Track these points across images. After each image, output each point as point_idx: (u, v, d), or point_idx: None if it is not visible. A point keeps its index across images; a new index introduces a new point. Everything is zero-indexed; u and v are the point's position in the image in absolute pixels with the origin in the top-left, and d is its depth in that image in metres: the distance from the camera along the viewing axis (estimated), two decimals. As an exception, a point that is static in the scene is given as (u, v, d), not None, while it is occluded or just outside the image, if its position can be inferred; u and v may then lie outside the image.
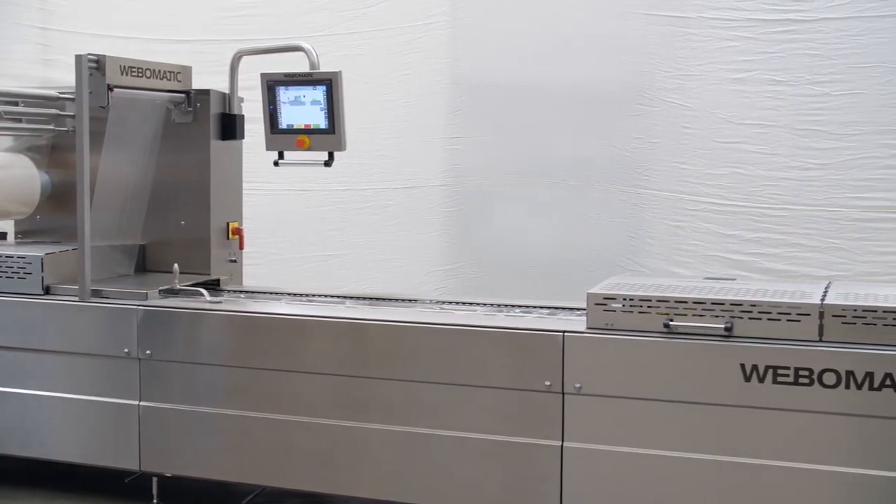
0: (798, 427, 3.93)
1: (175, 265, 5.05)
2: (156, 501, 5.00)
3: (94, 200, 4.94)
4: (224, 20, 7.12)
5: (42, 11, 7.62)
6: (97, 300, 4.93)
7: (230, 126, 5.33)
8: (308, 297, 5.06)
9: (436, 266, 6.83)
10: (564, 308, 4.68)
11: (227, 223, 5.39)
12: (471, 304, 4.85)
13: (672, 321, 4.09)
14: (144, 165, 5.27)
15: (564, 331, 4.23)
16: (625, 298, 4.17)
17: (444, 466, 4.41)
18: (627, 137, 6.41)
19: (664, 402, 4.09)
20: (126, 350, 4.86)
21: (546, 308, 4.70)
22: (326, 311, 4.71)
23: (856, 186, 5.99)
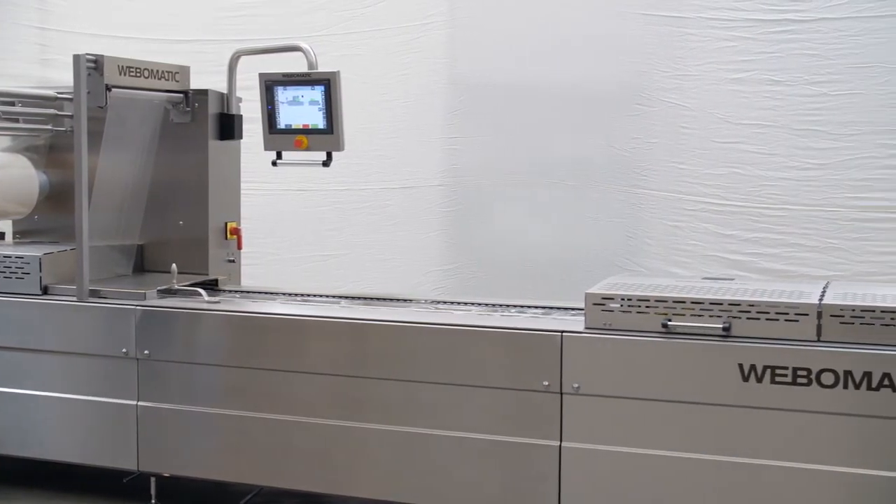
0: (796, 427, 3.93)
1: (173, 265, 5.05)
2: (154, 501, 5.00)
3: (93, 200, 4.94)
4: (222, 20, 7.12)
5: (41, 11, 7.61)
6: (95, 300, 4.93)
7: (228, 126, 5.32)
8: (306, 298, 5.06)
9: (434, 266, 6.82)
10: (559, 308, 4.67)
11: (226, 223, 5.38)
12: (466, 304, 4.84)
13: (670, 321, 4.09)
14: (142, 165, 5.27)
15: (563, 331, 4.23)
16: (623, 298, 4.17)
17: (443, 466, 4.40)
18: (626, 137, 6.41)
19: (662, 402, 4.09)
20: (124, 350, 4.85)
21: (540, 308, 4.70)
22: (325, 312, 4.70)
23: (854, 186, 5.99)
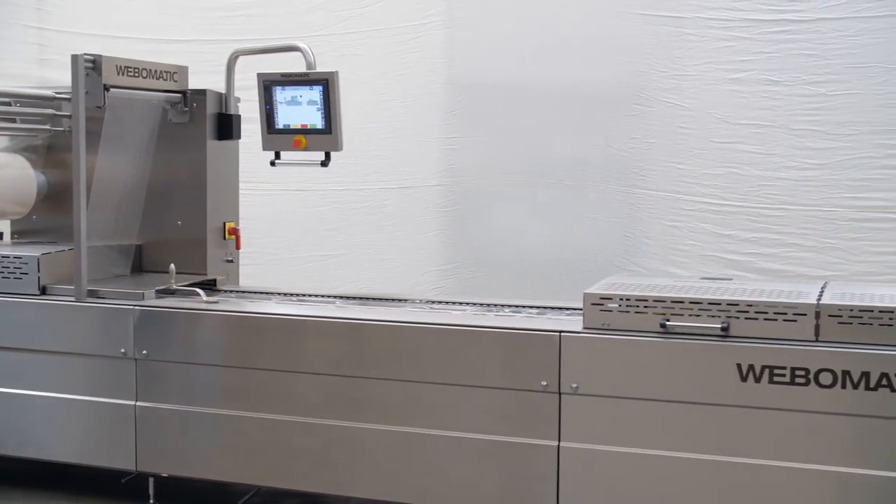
0: (794, 427, 3.94)
1: (171, 265, 5.05)
2: (152, 502, 4.99)
3: (91, 200, 4.94)
4: (221, 20, 7.12)
5: (39, 11, 7.61)
6: (93, 300, 4.92)
7: (227, 126, 5.32)
8: (304, 298, 5.05)
9: (432, 266, 6.82)
10: (557, 308, 4.67)
11: (224, 223, 5.38)
12: (461, 304, 4.84)
13: (669, 321, 4.09)
14: (141, 165, 5.27)
15: (561, 331, 4.23)
16: (621, 298, 4.17)
17: (441, 466, 4.40)
18: (624, 137, 6.41)
19: (661, 402, 4.09)
20: (122, 350, 4.85)
21: (538, 308, 4.70)
22: (323, 312, 4.70)
23: (852, 186, 6.00)
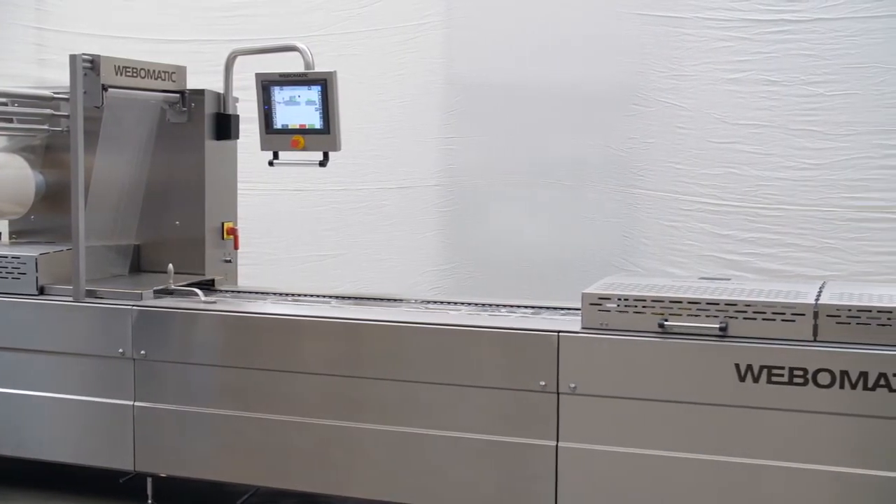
0: (792, 427, 3.94)
1: (170, 265, 5.05)
2: (150, 502, 4.99)
3: (89, 200, 4.94)
4: (219, 20, 7.12)
5: (38, 11, 7.61)
6: (92, 300, 4.92)
7: (225, 126, 5.32)
8: (302, 298, 5.05)
9: (431, 266, 6.82)
10: (552, 308, 4.67)
11: (222, 223, 5.38)
12: (456, 304, 4.84)
13: (667, 321, 4.09)
14: (139, 165, 5.27)
15: (559, 331, 4.22)
16: (620, 298, 4.17)
17: (439, 466, 4.40)
18: (622, 137, 6.41)
19: (659, 402, 4.09)
20: (121, 350, 4.85)
21: (536, 308, 4.70)
22: (321, 312, 4.70)
23: (850, 186, 6.00)
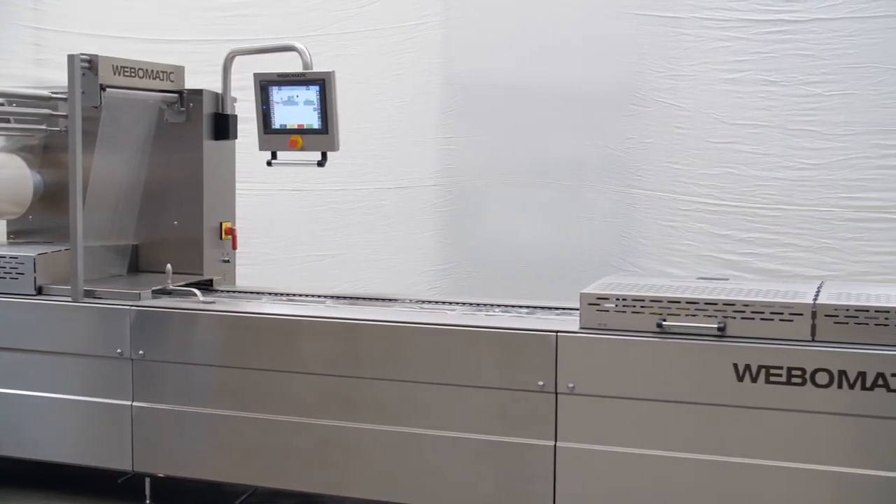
0: (790, 427, 3.94)
1: (168, 265, 5.05)
2: (149, 502, 4.99)
3: (87, 200, 4.93)
4: (217, 20, 7.11)
5: (36, 11, 7.60)
6: (90, 300, 4.92)
7: (223, 126, 5.32)
8: (300, 298, 5.05)
9: (429, 266, 6.82)
10: (550, 308, 4.67)
11: (220, 223, 5.38)
12: (451, 304, 4.84)
13: (665, 321, 4.09)
14: (137, 165, 5.27)
15: (558, 331, 4.23)
16: (618, 298, 4.18)
17: (437, 466, 4.40)
18: (620, 137, 6.41)
19: (657, 402, 4.10)
20: (119, 350, 4.85)
21: (532, 307, 4.69)
22: (318, 312, 4.70)
23: (848, 186, 6.00)
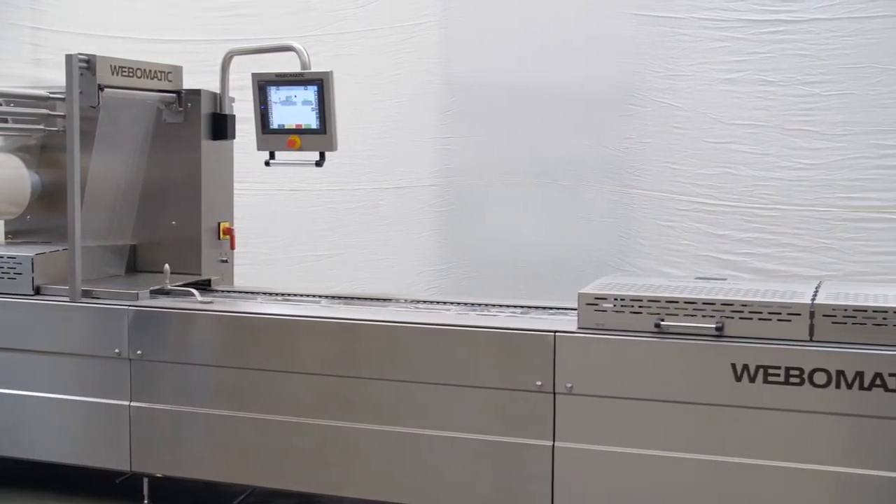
0: (788, 427, 3.94)
1: (166, 265, 5.05)
2: (147, 502, 4.99)
3: (85, 200, 4.93)
4: (215, 20, 7.11)
5: (34, 11, 7.60)
6: (88, 300, 4.91)
7: (221, 126, 5.31)
8: (298, 298, 5.05)
9: (427, 266, 6.82)
10: (548, 308, 4.67)
11: (218, 223, 5.37)
12: (446, 304, 4.84)
13: (663, 321, 4.09)
14: (135, 165, 5.26)
15: (556, 331, 4.23)
16: (616, 298, 4.18)
17: (435, 466, 4.40)
18: (618, 137, 6.41)
19: (655, 402, 4.10)
20: (117, 350, 4.85)
21: (530, 307, 4.69)
22: (316, 312, 4.70)
23: (846, 186, 6.00)
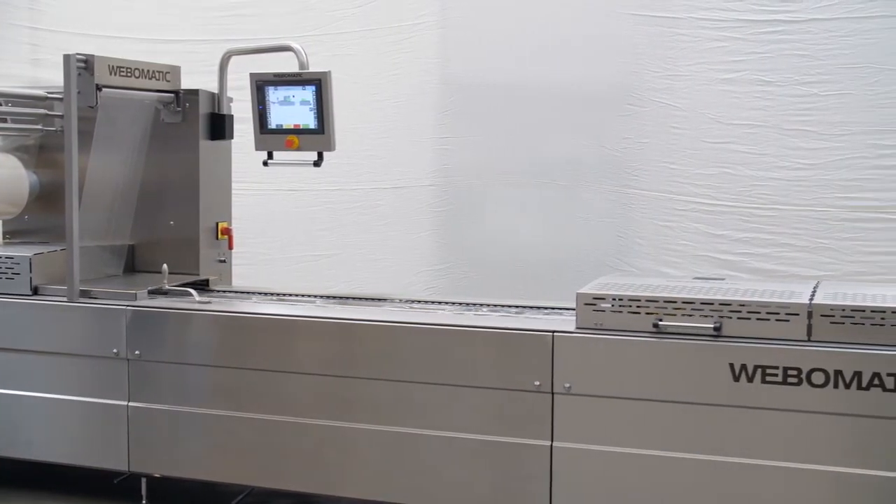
0: (786, 427, 3.94)
1: (164, 265, 5.05)
2: (145, 502, 4.99)
3: (83, 200, 4.93)
4: (213, 20, 7.10)
5: (32, 11, 7.59)
6: (86, 300, 4.91)
7: (219, 126, 5.32)
8: (296, 298, 5.05)
9: (425, 266, 6.82)
10: (547, 307, 4.68)
11: (217, 223, 5.37)
12: (441, 304, 4.84)
13: (661, 321, 4.09)
14: (133, 165, 5.26)
15: (554, 331, 4.23)
16: (614, 298, 4.18)
17: (434, 466, 4.40)
18: (617, 137, 6.41)
19: (653, 402, 4.10)
20: (115, 350, 4.84)
21: (528, 307, 4.69)
22: (314, 312, 4.70)
23: (844, 186, 6.00)
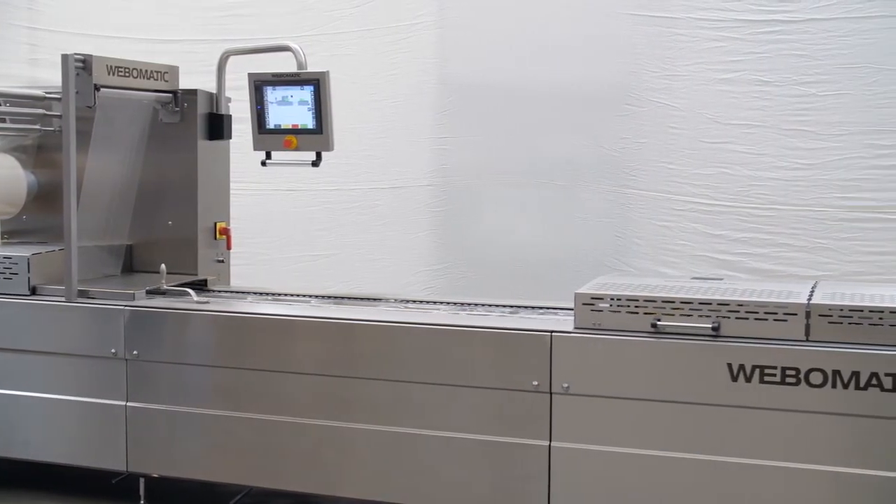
0: (784, 426, 3.94)
1: (162, 265, 5.04)
2: (143, 502, 4.99)
3: (81, 200, 4.93)
4: (212, 20, 7.10)
5: (30, 11, 7.59)
6: (84, 300, 4.91)
7: (217, 126, 5.31)
8: (294, 298, 5.05)
9: (424, 266, 6.82)
10: (545, 308, 4.68)
11: (215, 223, 5.38)
12: (436, 304, 4.84)
13: (659, 321, 4.09)
14: (131, 165, 5.26)
15: (552, 331, 4.23)
16: (612, 298, 4.18)
17: (432, 466, 4.40)
18: (615, 137, 6.41)
19: (652, 402, 4.10)
20: (113, 350, 4.84)
21: (527, 307, 4.69)
22: (313, 312, 4.70)
23: (842, 186, 6.01)
